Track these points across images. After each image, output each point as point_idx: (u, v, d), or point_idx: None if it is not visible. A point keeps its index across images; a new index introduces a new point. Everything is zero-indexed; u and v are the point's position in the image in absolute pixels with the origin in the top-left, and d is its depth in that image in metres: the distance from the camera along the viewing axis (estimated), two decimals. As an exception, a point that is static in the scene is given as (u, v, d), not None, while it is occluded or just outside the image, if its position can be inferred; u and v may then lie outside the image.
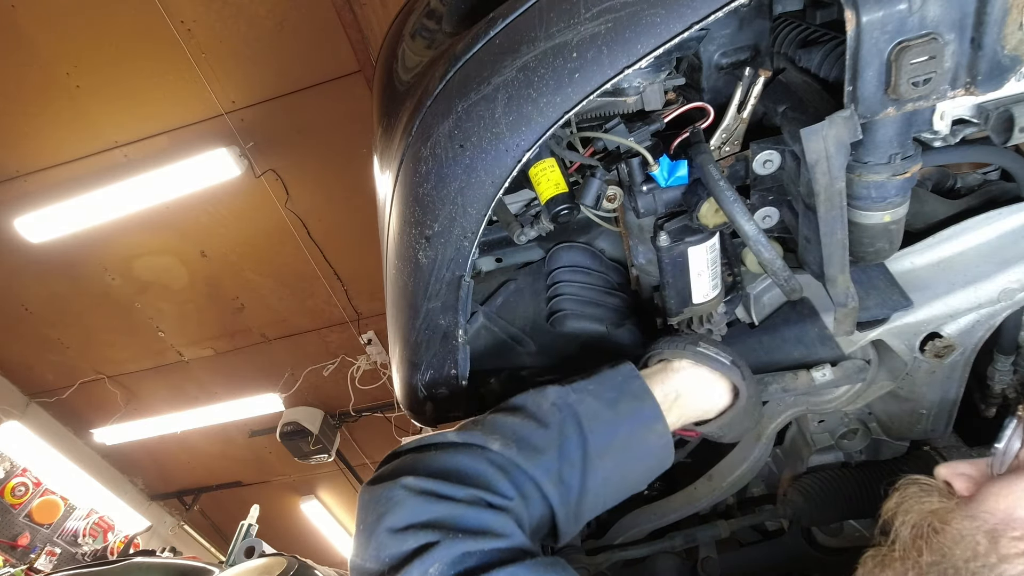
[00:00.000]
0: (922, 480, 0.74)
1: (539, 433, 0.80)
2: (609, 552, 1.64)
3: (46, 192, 4.35)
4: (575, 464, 0.80)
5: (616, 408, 0.84)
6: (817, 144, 0.74)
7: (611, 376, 0.88)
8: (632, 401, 0.85)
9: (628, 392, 0.86)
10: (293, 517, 7.75)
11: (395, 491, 0.72)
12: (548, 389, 0.86)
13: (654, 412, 0.85)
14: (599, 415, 0.83)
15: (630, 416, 0.84)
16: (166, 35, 3.68)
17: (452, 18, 1.24)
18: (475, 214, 0.89)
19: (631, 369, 0.89)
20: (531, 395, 0.86)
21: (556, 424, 0.81)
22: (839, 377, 1.08)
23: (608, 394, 0.85)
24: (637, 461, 0.86)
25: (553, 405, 0.83)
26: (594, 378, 0.88)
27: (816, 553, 1.67)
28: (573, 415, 0.82)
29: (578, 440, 0.81)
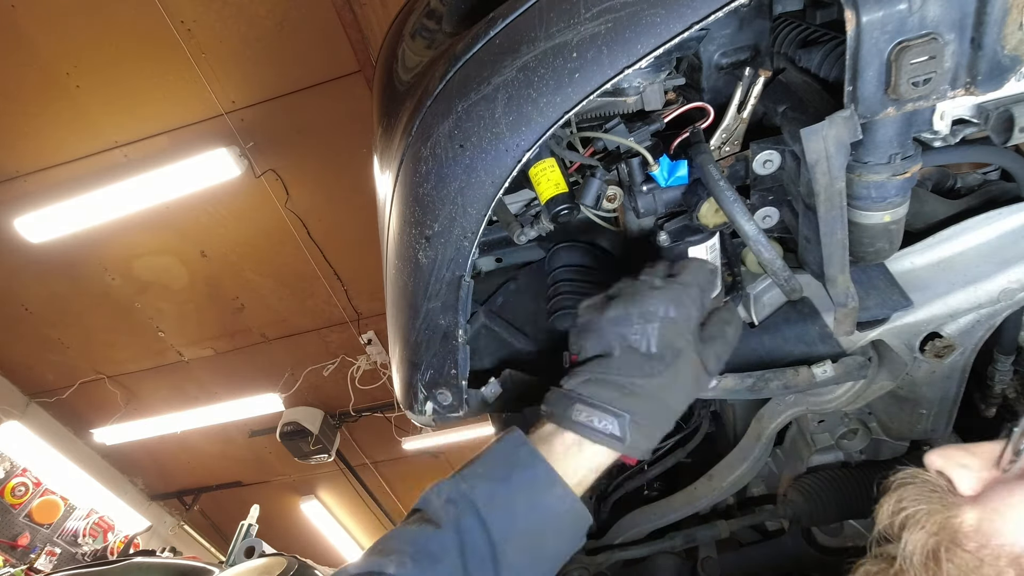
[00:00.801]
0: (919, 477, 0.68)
1: (435, 538, 0.77)
2: (609, 552, 1.64)
3: (46, 192, 4.35)
4: (483, 556, 0.77)
5: (509, 483, 0.81)
6: (817, 144, 0.74)
7: (498, 451, 0.85)
8: (523, 470, 0.81)
9: (517, 463, 0.82)
10: (293, 517, 7.75)
11: None
12: (441, 484, 0.83)
13: (548, 476, 0.81)
14: (494, 496, 0.80)
15: (524, 486, 0.81)
16: (166, 35, 3.68)
17: (452, 18, 1.24)
18: (475, 214, 0.89)
19: (517, 437, 0.85)
20: (428, 493, 0.83)
21: (451, 521, 0.78)
22: (840, 374, 1.08)
23: (498, 471, 0.82)
24: (548, 530, 0.82)
25: (448, 502, 0.80)
26: (483, 458, 0.85)
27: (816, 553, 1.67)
28: (468, 505, 0.79)
29: (479, 530, 0.78)
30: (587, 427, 0.81)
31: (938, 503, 0.65)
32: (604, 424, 0.81)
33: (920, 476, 0.68)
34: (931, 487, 0.67)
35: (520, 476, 0.81)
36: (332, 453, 6.06)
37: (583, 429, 0.81)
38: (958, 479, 0.66)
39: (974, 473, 0.65)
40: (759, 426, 1.33)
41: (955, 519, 0.62)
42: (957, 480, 0.66)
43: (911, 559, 0.63)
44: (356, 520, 8.09)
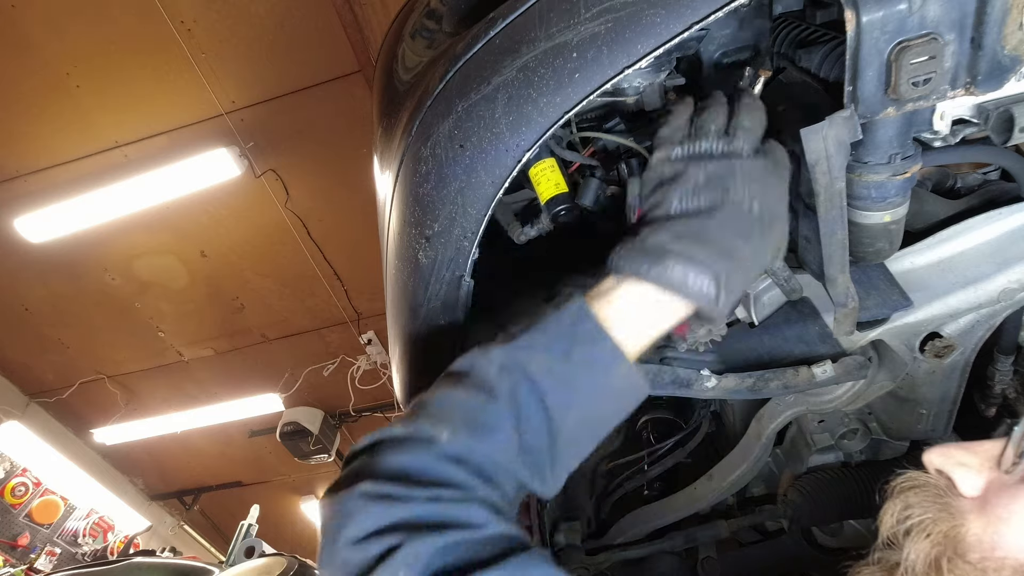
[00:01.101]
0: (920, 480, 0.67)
1: (489, 408, 0.73)
2: (609, 552, 1.65)
3: (46, 192, 4.35)
4: (537, 429, 0.74)
5: (570, 359, 0.75)
6: (817, 144, 0.74)
7: (558, 321, 0.78)
8: (586, 346, 0.76)
9: (580, 338, 0.77)
10: (293, 517, 7.76)
11: (351, 500, 0.67)
12: (492, 350, 0.77)
13: (612, 354, 0.76)
14: (552, 370, 0.75)
15: (586, 364, 0.76)
16: (166, 35, 3.68)
17: (452, 18, 1.24)
18: (475, 214, 0.89)
19: (579, 308, 0.78)
20: (476, 357, 0.77)
21: (506, 392, 0.74)
22: (840, 373, 1.08)
23: (558, 345, 0.76)
24: (604, 407, 0.79)
25: (501, 369, 0.75)
26: (540, 327, 0.78)
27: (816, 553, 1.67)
28: (524, 376, 0.74)
29: (535, 403, 0.74)
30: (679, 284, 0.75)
31: (943, 511, 0.63)
32: (698, 282, 0.75)
33: (923, 480, 0.67)
34: (935, 492, 0.65)
35: (582, 352, 0.76)
36: (332, 453, 6.06)
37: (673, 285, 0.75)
38: (959, 479, 0.65)
39: (974, 472, 0.64)
40: (759, 426, 1.33)
41: (960, 528, 0.61)
42: (958, 480, 0.65)
43: (913, 568, 0.62)
44: (356, 520, 8.09)
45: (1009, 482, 0.62)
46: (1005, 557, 0.58)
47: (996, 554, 0.58)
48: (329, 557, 0.67)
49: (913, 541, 0.63)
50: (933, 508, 0.64)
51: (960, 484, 0.64)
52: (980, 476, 0.64)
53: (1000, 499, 0.61)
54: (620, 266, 0.79)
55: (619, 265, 0.79)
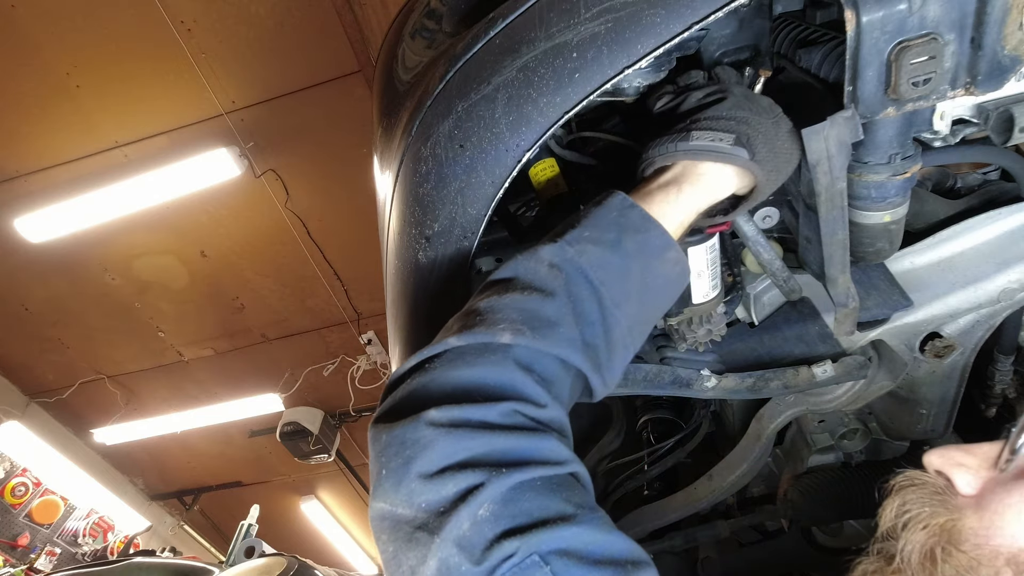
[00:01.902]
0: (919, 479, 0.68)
1: (548, 305, 0.71)
2: (609, 552, 1.64)
3: (46, 192, 4.35)
4: (595, 322, 0.73)
5: (621, 248, 0.75)
6: (818, 144, 0.74)
7: (604, 214, 0.78)
8: (636, 235, 0.76)
9: (628, 226, 0.76)
10: (293, 517, 7.75)
11: (420, 431, 0.62)
12: (540, 249, 0.76)
13: (663, 240, 0.77)
14: (605, 262, 0.74)
15: (638, 253, 0.76)
16: (166, 35, 3.68)
17: (452, 18, 1.24)
18: (475, 214, 0.89)
19: (623, 200, 0.78)
20: (521, 262, 0.76)
21: (562, 288, 0.72)
22: (840, 373, 1.08)
23: (608, 235, 0.75)
24: (656, 295, 0.79)
25: (551, 267, 0.74)
26: (586, 222, 0.77)
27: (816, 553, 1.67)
28: (578, 271, 0.73)
29: (592, 297, 0.73)
30: (707, 147, 0.77)
31: (940, 506, 0.64)
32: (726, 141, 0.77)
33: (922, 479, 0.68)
34: (933, 490, 0.66)
35: (631, 241, 0.76)
36: (332, 453, 6.06)
37: (702, 150, 0.77)
38: (957, 478, 0.65)
39: (972, 472, 0.65)
40: (759, 426, 1.33)
41: (957, 522, 0.62)
42: (956, 479, 0.65)
43: (909, 559, 0.63)
44: (356, 520, 8.09)
45: (1004, 479, 0.63)
46: (999, 546, 0.58)
47: (990, 544, 0.59)
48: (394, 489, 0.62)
49: (909, 532, 0.64)
50: (930, 504, 0.65)
51: (958, 483, 0.65)
52: (978, 476, 0.65)
53: (995, 494, 0.62)
54: (651, 155, 0.82)
55: (649, 155, 0.82)
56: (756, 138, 0.78)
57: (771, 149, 0.80)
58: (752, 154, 0.77)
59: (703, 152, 0.77)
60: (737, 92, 0.83)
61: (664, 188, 0.80)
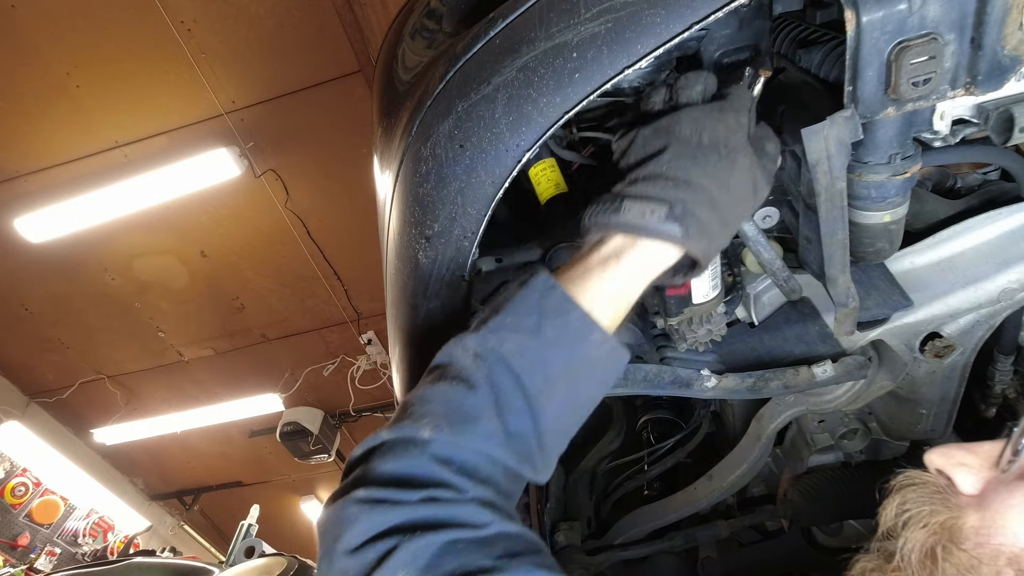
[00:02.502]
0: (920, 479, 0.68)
1: (468, 399, 0.72)
2: (609, 552, 1.65)
3: (46, 192, 4.35)
4: (520, 412, 0.73)
5: (541, 334, 0.74)
6: (818, 144, 0.74)
7: (525, 298, 0.77)
8: (555, 319, 0.75)
9: (549, 310, 0.75)
10: (293, 517, 7.76)
11: (347, 508, 0.67)
12: (465, 338, 0.76)
13: (583, 323, 0.75)
14: (526, 350, 0.74)
15: (558, 339, 0.75)
16: (166, 35, 3.68)
17: (452, 18, 1.24)
18: (475, 214, 0.89)
19: (545, 280, 0.77)
20: (453, 349, 0.77)
21: (484, 379, 0.73)
22: (840, 373, 1.08)
23: (527, 321, 0.75)
24: (585, 379, 0.77)
25: (475, 357, 0.74)
26: (509, 307, 0.77)
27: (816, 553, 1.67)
28: (499, 360, 0.74)
29: (515, 386, 0.73)
30: (635, 224, 0.74)
31: (941, 505, 0.64)
32: (657, 215, 0.73)
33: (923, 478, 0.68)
34: (934, 488, 0.66)
35: (552, 325, 0.75)
36: (332, 453, 6.06)
37: (631, 226, 0.74)
38: (958, 478, 0.65)
39: (974, 472, 0.65)
40: (759, 426, 1.33)
41: (957, 520, 0.62)
42: (957, 479, 0.65)
43: (909, 557, 0.63)
44: (356, 520, 8.09)
45: (1006, 479, 0.63)
46: (1001, 545, 0.58)
47: (992, 543, 0.59)
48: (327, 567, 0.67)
49: (910, 530, 0.64)
50: (931, 503, 0.65)
51: (959, 483, 0.65)
52: (979, 476, 0.64)
53: (997, 494, 0.62)
54: (586, 225, 0.78)
55: (585, 225, 0.79)
56: (695, 204, 0.74)
57: (715, 208, 0.75)
58: (686, 229, 0.73)
59: (634, 228, 0.74)
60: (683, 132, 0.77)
61: (602, 263, 0.77)
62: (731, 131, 0.77)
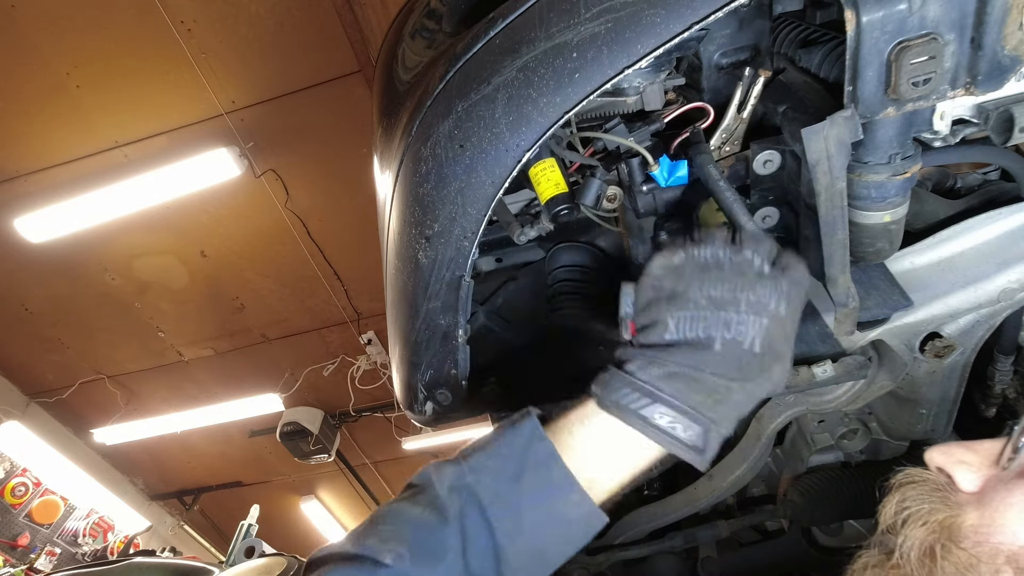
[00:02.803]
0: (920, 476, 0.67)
1: (439, 532, 0.72)
2: (609, 552, 1.65)
3: (46, 192, 4.35)
4: (486, 557, 0.73)
5: (519, 484, 0.74)
6: (818, 144, 0.74)
7: (511, 441, 0.77)
8: (536, 471, 0.74)
9: (531, 461, 0.74)
10: (293, 517, 7.75)
11: None
12: (446, 468, 0.77)
13: (564, 481, 0.73)
14: (500, 495, 0.74)
15: (536, 490, 0.74)
16: (166, 35, 3.68)
17: (452, 18, 1.24)
18: (475, 214, 0.89)
19: (533, 428, 0.76)
20: (434, 474, 0.77)
21: (455, 514, 0.73)
22: (840, 373, 1.08)
23: (508, 466, 0.75)
24: (557, 536, 0.76)
25: (451, 490, 0.75)
26: (493, 447, 0.77)
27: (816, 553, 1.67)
28: (472, 499, 0.74)
29: (484, 530, 0.73)
30: (668, 434, 0.71)
31: (940, 502, 0.64)
32: (690, 434, 0.71)
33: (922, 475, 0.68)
34: (934, 486, 0.66)
35: (532, 477, 0.74)
36: (332, 453, 6.06)
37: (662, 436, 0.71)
38: (958, 476, 0.65)
39: (974, 470, 0.65)
40: (759, 426, 1.33)
41: (956, 518, 0.62)
42: (957, 477, 0.65)
43: (908, 555, 0.63)
44: (356, 520, 8.07)
45: (1006, 476, 0.63)
46: (1000, 544, 0.58)
47: (991, 541, 0.59)
48: None
49: (909, 528, 0.64)
50: (930, 500, 0.65)
51: (959, 481, 0.65)
52: (979, 474, 0.64)
53: (997, 492, 0.62)
54: (603, 399, 0.75)
55: (602, 398, 0.75)
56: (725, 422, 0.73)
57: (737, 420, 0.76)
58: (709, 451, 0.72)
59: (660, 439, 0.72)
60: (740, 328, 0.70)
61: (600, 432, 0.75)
62: (785, 338, 0.74)
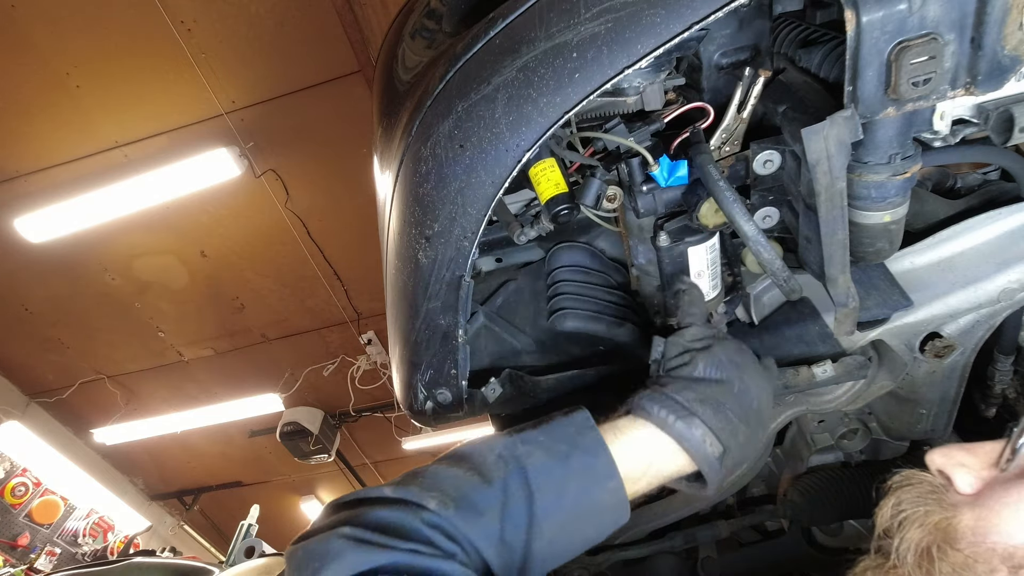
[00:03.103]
0: (916, 478, 0.68)
1: (481, 491, 0.75)
2: (609, 552, 1.64)
3: (46, 192, 4.35)
4: (519, 525, 0.75)
5: (567, 463, 0.78)
6: (818, 144, 0.74)
7: (563, 426, 0.82)
8: (584, 455, 0.79)
9: (581, 446, 0.80)
10: (293, 517, 7.76)
11: (331, 542, 0.67)
12: (496, 439, 0.81)
13: (608, 469, 0.79)
14: (548, 470, 0.77)
15: (582, 472, 0.78)
16: (166, 35, 3.68)
17: (452, 18, 1.24)
18: (475, 214, 0.89)
19: (585, 419, 0.82)
20: (479, 445, 0.81)
21: (500, 481, 0.76)
22: (840, 373, 1.08)
23: (559, 446, 0.79)
24: (588, 520, 0.80)
25: (499, 458, 0.78)
26: (545, 428, 0.82)
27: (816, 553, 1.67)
28: (520, 470, 0.77)
29: (524, 499, 0.75)
30: (699, 447, 0.81)
31: (936, 504, 0.65)
32: (714, 450, 0.81)
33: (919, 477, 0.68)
34: (930, 488, 0.67)
35: (580, 460, 0.79)
36: (332, 453, 6.06)
37: (694, 446, 0.81)
38: (957, 478, 0.66)
39: (973, 472, 0.65)
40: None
41: (952, 519, 0.62)
42: (956, 479, 0.66)
43: (905, 557, 0.63)
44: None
45: (1004, 477, 0.63)
46: (995, 543, 0.59)
47: (986, 542, 0.59)
48: None
49: (905, 530, 0.64)
50: (925, 502, 0.65)
51: (957, 483, 0.65)
52: (978, 476, 0.65)
53: (994, 492, 0.62)
54: (644, 407, 0.83)
55: (643, 406, 0.83)
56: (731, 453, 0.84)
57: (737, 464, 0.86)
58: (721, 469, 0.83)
59: (692, 450, 0.81)
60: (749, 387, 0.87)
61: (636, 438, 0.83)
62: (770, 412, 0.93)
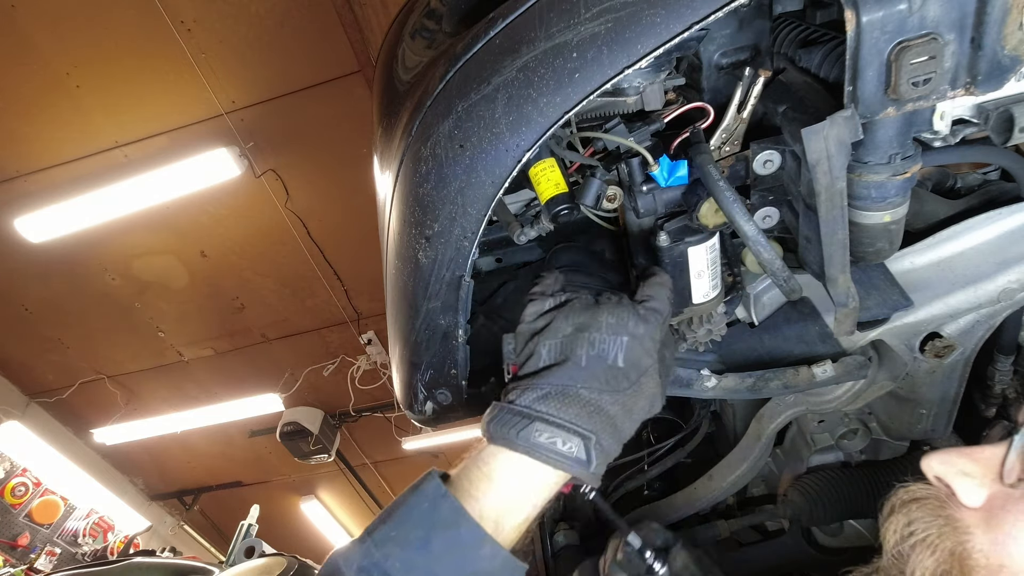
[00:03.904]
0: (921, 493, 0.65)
1: None
2: (609, 552, 1.64)
3: (46, 192, 4.35)
4: None
5: (428, 549, 0.72)
6: (818, 144, 0.74)
7: (415, 505, 0.75)
8: (445, 531, 0.73)
9: (438, 522, 0.73)
10: (293, 517, 7.76)
11: None
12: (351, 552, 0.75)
13: (474, 535, 0.73)
14: (411, 566, 0.72)
15: (447, 551, 0.72)
16: (166, 35, 3.68)
17: (452, 18, 1.24)
18: (475, 214, 0.89)
19: (436, 487, 0.75)
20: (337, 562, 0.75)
21: None
22: (840, 373, 1.08)
23: (415, 534, 0.73)
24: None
25: (360, 571, 0.72)
26: (397, 516, 0.76)
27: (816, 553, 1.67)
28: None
29: None
30: (550, 451, 0.73)
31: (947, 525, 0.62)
32: (569, 447, 0.73)
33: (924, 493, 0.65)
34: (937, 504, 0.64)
35: (441, 539, 0.73)
36: (332, 453, 6.07)
37: (544, 453, 0.73)
38: (961, 490, 0.63)
39: (977, 482, 0.63)
40: (759, 426, 1.33)
41: (966, 544, 0.60)
42: (960, 491, 0.63)
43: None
44: (356, 520, 8.10)
45: (1016, 495, 0.60)
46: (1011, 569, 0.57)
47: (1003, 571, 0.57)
48: None
49: (918, 556, 0.62)
50: (937, 523, 0.63)
51: (962, 495, 0.63)
52: (983, 487, 0.62)
53: (1007, 514, 0.59)
54: (490, 432, 0.77)
55: (490, 431, 0.77)
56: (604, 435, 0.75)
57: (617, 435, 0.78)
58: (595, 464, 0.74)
59: (546, 457, 0.74)
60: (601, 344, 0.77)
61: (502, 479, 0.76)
62: (647, 353, 0.79)
